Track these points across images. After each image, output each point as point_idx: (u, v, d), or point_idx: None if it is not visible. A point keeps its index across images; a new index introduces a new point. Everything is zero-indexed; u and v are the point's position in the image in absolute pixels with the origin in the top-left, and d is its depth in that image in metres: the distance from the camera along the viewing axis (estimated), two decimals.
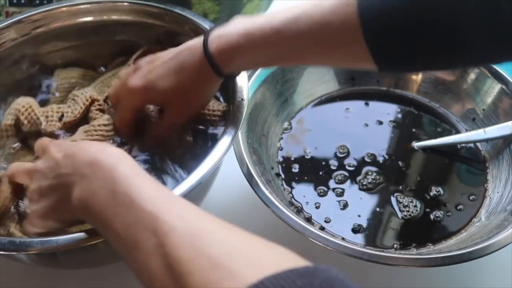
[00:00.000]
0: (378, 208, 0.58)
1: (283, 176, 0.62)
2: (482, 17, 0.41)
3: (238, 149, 0.56)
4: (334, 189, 0.60)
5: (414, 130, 0.66)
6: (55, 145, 0.45)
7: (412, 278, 0.56)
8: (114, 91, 0.56)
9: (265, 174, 0.57)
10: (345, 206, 0.59)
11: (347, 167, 0.62)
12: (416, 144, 0.64)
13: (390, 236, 0.56)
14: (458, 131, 0.66)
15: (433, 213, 0.58)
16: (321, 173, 0.61)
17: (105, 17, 0.64)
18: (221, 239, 0.32)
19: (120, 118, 0.55)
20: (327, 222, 0.57)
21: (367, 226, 0.57)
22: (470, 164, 0.63)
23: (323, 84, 0.69)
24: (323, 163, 0.62)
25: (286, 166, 0.62)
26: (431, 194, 0.59)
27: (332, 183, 0.60)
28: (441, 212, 0.58)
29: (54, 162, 0.43)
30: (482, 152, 0.63)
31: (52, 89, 0.62)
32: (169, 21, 0.62)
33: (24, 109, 0.56)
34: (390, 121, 0.67)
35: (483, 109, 0.65)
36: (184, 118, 0.55)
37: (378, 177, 0.61)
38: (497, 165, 0.61)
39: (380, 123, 0.67)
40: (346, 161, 0.62)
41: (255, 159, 0.57)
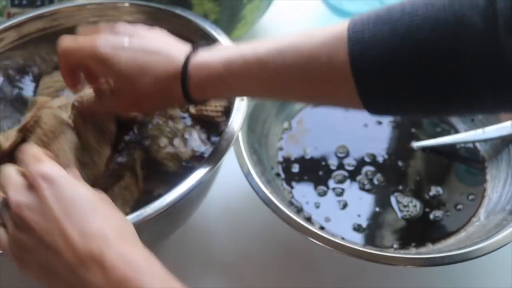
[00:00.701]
0: (378, 208, 0.59)
1: (283, 176, 0.62)
2: (484, 61, 0.36)
3: (238, 149, 0.56)
4: (334, 189, 0.60)
5: (414, 130, 0.66)
6: (49, 187, 0.36)
7: (412, 278, 0.56)
8: (79, 35, 0.50)
9: (265, 174, 0.57)
10: (345, 206, 0.59)
11: (347, 167, 0.62)
12: (416, 144, 0.64)
13: (390, 236, 0.57)
14: (457, 131, 0.66)
15: (433, 213, 0.58)
16: (321, 173, 0.62)
17: (106, 18, 0.64)
18: None
19: (64, 60, 0.49)
20: (327, 222, 0.57)
21: (367, 226, 0.57)
22: (469, 164, 0.63)
23: None
24: (323, 163, 0.63)
25: (286, 166, 0.63)
26: (431, 194, 0.60)
27: (332, 183, 0.61)
28: (441, 212, 0.58)
29: (63, 242, 0.35)
30: (481, 152, 0.64)
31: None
32: (170, 22, 0.62)
33: None
34: (390, 121, 0.67)
35: None
36: (125, 113, 0.52)
37: (378, 177, 0.61)
38: (496, 165, 0.61)
39: (380, 123, 0.67)
40: (346, 161, 0.63)
41: (255, 159, 0.57)
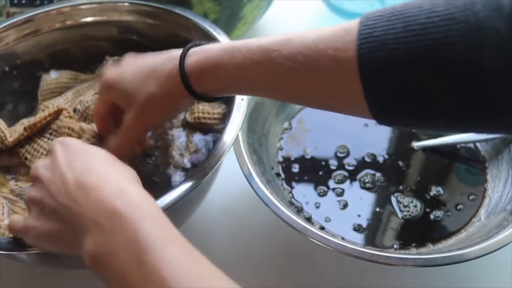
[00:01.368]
0: (378, 208, 0.58)
1: (283, 176, 0.62)
2: (507, 73, 0.31)
3: (238, 149, 0.56)
4: (334, 189, 0.60)
5: (414, 130, 0.66)
6: (64, 149, 0.40)
7: (412, 278, 0.56)
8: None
9: (265, 174, 0.57)
10: (345, 206, 0.59)
11: (347, 167, 0.62)
12: (416, 144, 0.64)
13: (390, 236, 0.56)
14: None
15: (433, 213, 0.58)
16: (321, 173, 0.62)
17: (105, 17, 0.64)
18: None
19: (94, 109, 0.53)
20: (327, 222, 0.57)
21: (367, 226, 0.57)
22: (470, 164, 0.63)
23: None
24: (323, 163, 0.63)
25: (286, 166, 0.63)
26: (431, 194, 0.60)
27: (332, 183, 0.61)
28: (441, 212, 0.58)
29: (62, 184, 0.37)
30: (482, 152, 0.64)
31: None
32: (170, 22, 0.62)
33: None
34: None
35: None
36: (139, 129, 0.49)
37: (378, 177, 0.61)
38: (497, 165, 0.61)
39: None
40: (346, 161, 0.62)
41: (255, 159, 0.57)
